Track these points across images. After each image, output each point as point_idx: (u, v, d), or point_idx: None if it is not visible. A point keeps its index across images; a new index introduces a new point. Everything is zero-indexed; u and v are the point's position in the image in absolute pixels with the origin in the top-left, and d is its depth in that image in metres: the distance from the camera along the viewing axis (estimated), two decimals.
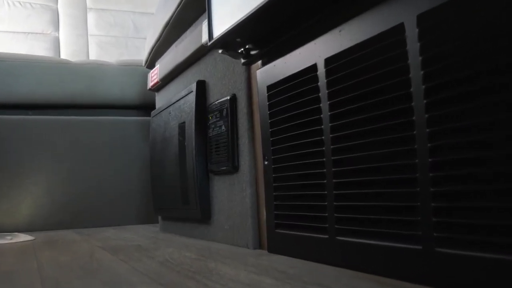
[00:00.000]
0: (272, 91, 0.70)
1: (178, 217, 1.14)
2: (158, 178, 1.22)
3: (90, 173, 1.50)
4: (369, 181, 0.51)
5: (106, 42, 2.18)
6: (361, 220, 0.52)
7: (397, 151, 0.47)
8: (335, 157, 0.56)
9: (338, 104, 0.56)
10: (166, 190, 1.16)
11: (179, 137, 1.06)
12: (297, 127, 0.64)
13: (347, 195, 0.55)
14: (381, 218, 0.49)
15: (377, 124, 0.50)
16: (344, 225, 0.55)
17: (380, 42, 0.49)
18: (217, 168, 0.91)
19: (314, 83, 0.60)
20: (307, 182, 0.62)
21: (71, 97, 1.54)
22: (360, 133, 0.52)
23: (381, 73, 0.49)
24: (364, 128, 0.52)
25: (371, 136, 0.51)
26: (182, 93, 1.06)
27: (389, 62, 0.48)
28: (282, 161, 0.69)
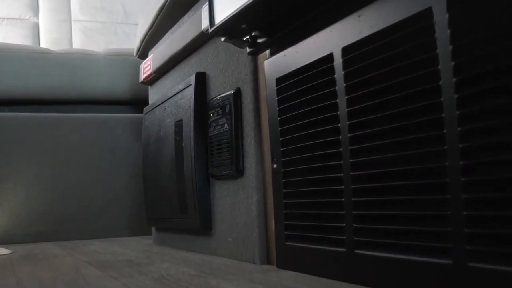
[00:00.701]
0: (282, 84, 0.71)
1: (175, 228, 1.15)
2: (151, 183, 1.23)
3: (74, 178, 1.52)
4: (392, 187, 0.52)
5: (92, 28, 2.20)
6: (383, 231, 0.53)
7: (424, 152, 0.48)
8: (353, 159, 0.57)
9: (357, 99, 0.56)
10: (161, 197, 1.17)
11: (175, 136, 1.07)
12: (310, 125, 0.65)
13: (368, 202, 0.55)
14: (406, 229, 0.50)
15: (402, 122, 0.50)
16: (364, 237, 0.56)
17: (405, 29, 0.50)
18: (219, 172, 0.91)
19: (330, 75, 0.60)
20: (321, 188, 0.63)
21: (52, 92, 1.56)
22: (382, 132, 0.53)
23: (405, 64, 0.50)
24: (386, 126, 0.52)
25: (395, 136, 0.51)
26: (179, 86, 1.07)
27: (415, 52, 0.48)
28: (293, 164, 0.69)
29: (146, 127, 1.27)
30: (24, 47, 1.60)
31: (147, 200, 1.28)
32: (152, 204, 1.24)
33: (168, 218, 1.13)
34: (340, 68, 0.59)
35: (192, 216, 0.99)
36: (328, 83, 0.61)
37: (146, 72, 1.31)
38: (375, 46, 0.53)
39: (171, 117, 1.10)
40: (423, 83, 0.48)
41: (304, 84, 0.66)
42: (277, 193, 0.73)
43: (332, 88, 0.60)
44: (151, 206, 1.25)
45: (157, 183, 1.18)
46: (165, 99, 1.15)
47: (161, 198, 1.16)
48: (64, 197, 1.50)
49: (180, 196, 1.05)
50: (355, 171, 0.57)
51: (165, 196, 1.14)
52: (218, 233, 0.93)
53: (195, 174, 0.97)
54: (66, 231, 1.49)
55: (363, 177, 0.56)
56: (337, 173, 0.60)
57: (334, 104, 0.60)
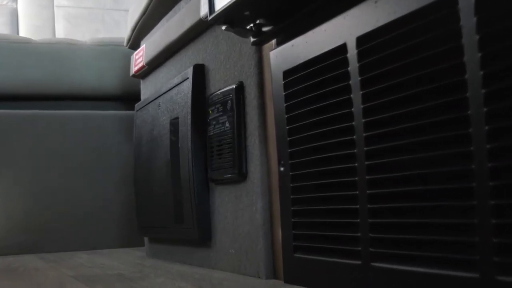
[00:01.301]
0: (290, 78, 0.72)
1: (170, 239, 1.16)
2: (144, 189, 1.24)
3: (57, 182, 1.53)
4: (413, 192, 0.52)
5: (77, 15, 2.21)
6: (403, 242, 0.53)
7: (448, 154, 0.48)
8: (369, 161, 0.57)
9: (373, 94, 0.57)
10: (155, 205, 1.17)
11: (171, 136, 1.07)
12: (321, 123, 0.66)
13: (386, 210, 0.56)
14: (428, 239, 0.50)
15: (423, 120, 0.51)
16: (381, 248, 0.56)
17: (426, 17, 0.50)
18: (220, 176, 0.92)
19: (344, 68, 0.61)
20: (334, 194, 0.63)
21: (32, 86, 1.57)
22: (402, 131, 0.53)
23: (427, 56, 0.50)
24: (406, 125, 0.52)
25: (415, 136, 0.52)
26: (174, 80, 1.08)
27: (438, 42, 0.49)
28: (302, 167, 0.70)
29: (137, 126, 1.28)
30: (1, 36, 1.61)
31: (139, 208, 1.28)
32: (144, 212, 1.25)
33: (162, 227, 1.14)
34: (354, 60, 0.59)
35: (190, 225, 1.00)
36: (341, 76, 0.61)
37: (138, 64, 1.32)
38: (393, 35, 0.54)
39: (165, 114, 1.11)
40: (447, 76, 0.48)
41: (315, 78, 0.66)
42: (284, 199, 0.73)
43: (345, 82, 0.61)
44: (144, 214, 1.26)
45: (150, 188, 1.19)
46: (159, 95, 1.15)
47: (155, 205, 1.17)
48: (46, 204, 1.51)
49: (176, 203, 1.06)
50: (371, 175, 0.57)
51: (159, 203, 1.14)
52: (219, 244, 0.94)
53: (192, 178, 0.97)
54: (49, 242, 1.50)
55: (380, 181, 0.56)
56: (351, 176, 0.60)
57: (348, 100, 0.60)
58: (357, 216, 0.59)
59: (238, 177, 0.86)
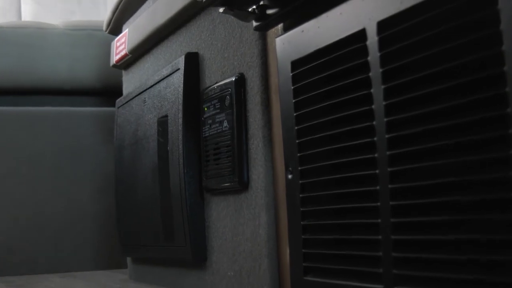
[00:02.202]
0: (299, 69, 0.72)
1: (158, 259, 1.16)
2: (126, 200, 1.24)
3: (24, 192, 1.53)
4: (445, 204, 0.52)
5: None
6: (433, 262, 0.53)
7: (487, 159, 0.48)
8: (393, 168, 0.58)
9: (398, 89, 0.57)
10: (139, 219, 1.17)
11: (158, 138, 1.07)
12: (336, 123, 0.66)
13: (412, 225, 0.56)
14: (463, 259, 0.50)
15: (457, 119, 0.51)
16: (407, 269, 0.56)
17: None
18: (217, 185, 0.92)
19: (362, 57, 0.61)
20: (351, 206, 0.64)
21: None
22: (431, 132, 0.53)
23: (460, 44, 0.50)
24: (436, 125, 0.53)
25: (448, 137, 0.52)
26: (163, 71, 1.09)
27: (473, 28, 0.49)
28: (314, 174, 0.70)
29: (119, 126, 1.28)
30: None
31: (121, 222, 1.29)
32: (127, 228, 1.25)
33: (148, 246, 1.14)
34: (375, 48, 0.59)
35: (181, 243, 1.00)
36: (359, 68, 0.62)
37: (119, 53, 1.32)
38: (421, 19, 0.54)
39: (152, 112, 1.11)
40: (484, 68, 0.48)
41: (328, 69, 0.67)
42: (292, 212, 0.74)
43: (365, 74, 0.61)
44: (126, 230, 1.26)
45: (134, 199, 1.19)
46: (145, 89, 1.16)
47: (140, 219, 1.17)
48: (10, 218, 1.51)
49: (164, 217, 1.06)
50: (395, 183, 0.57)
51: (144, 216, 1.15)
52: (215, 266, 0.94)
53: (184, 187, 0.97)
54: (15, 264, 1.50)
55: (406, 191, 0.56)
56: (371, 185, 0.60)
57: (368, 96, 0.60)
58: (378, 232, 0.59)
59: (238, 186, 0.86)
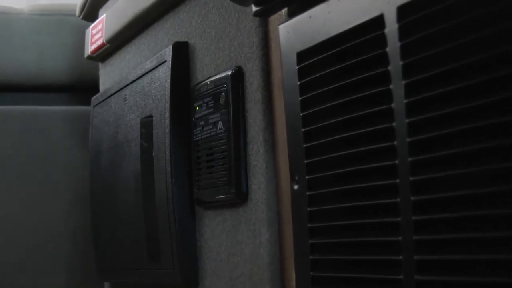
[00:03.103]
0: (306, 62, 0.72)
1: (141, 285, 1.16)
2: (104, 215, 1.24)
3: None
4: (477, 218, 0.52)
5: None
6: (461, 286, 0.54)
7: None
8: (415, 177, 0.58)
9: (421, 84, 0.57)
10: (119, 237, 1.17)
11: (142, 141, 1.08)
12: (349, 125, 0.66)
13: (438, 244, 0.56)
14: (499, 282, 0.51)
15: (491, 119, 0.51)
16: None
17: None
18: (210, 197, 0.92)
19: (380, 48, 0.62)
20: (367, 221, 0.64)
21: None
22: (460, 135, 0.53)
23: (497, 32, 0.50)
24: (467, 126, 0.53)
25: (480, 141, 0.52)
26: (147, 64, 1.09)
27: (506, 14, 0.49)
28: (323, 184, 0.70)
29: (95, 127, 1.28)
30: None
31: (98, 241, 1.29)
32: (105, 248, 1.25)
33: (130, 269, 1.14)
34: (395, 37, 0.60)
35: (168, 265, 1.00)
36: (376, 60, 0.62)
37: (95, 42, 1.32)
38: (445, 5, 0.54)
39: (135, 111, 1.11)
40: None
41: (340, 62, 0.67)
42: (299, 229, 0.74)
43: (383, 68, 0.61)
44: (104, 251, 1.26)
45: (113, 214, 1.19)
46: (126, 84, 1.16)
47: (120, 238, 1.17)
48: None
49: (149, 235, 1.06)
50: (418, 195, 0.57)
51: (125, 234, 1.15)
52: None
53: (172, 200, 0.97)
54: None
55: (431, 204, 0.56)
56: (390, 197, 0.60)
57: (386, 93, 0.61)
58: (398, 252, 0.60)
59: (235, 198, 0.87)
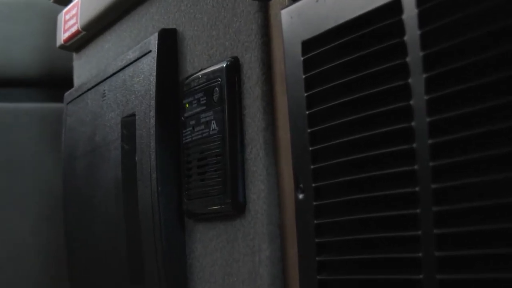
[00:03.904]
0: (313, 52, 0.72)
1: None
2: (79, 230, 1.24)
3: None
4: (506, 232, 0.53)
5: None
6: None
7: None
8: (438, 184, 0.58)
9: (444, 78, 0.57)
10: (97, 255, 1.17)
11: (123, 144, 1.08)
12: (362, 125, 0.66)
13: (463, 260, 0.56)
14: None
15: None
16: None
17: None
18: (202, 208, 0.92)
19: (397, 37, 0.62)
20: (383, 235, 0.64)
21: None
22: (489, 136, 0.54)
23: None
24: (497, 127, 0.53)
25: None
26: (128, 55, 1.09)
27: None
28: (332, 192, 0.70)
29: (69, 128, 1.28)
30: None
31: (72, 260, 1.29)
32: (79, 267, 1.25)
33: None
34: (414, 24, 0.60)
35: (154, 286, 1.00)
36: (393, 50, 0.62)
37: (69, 29, 1.32)
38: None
39: (115, 109, 1.11)
40: None
41: (351, 53, 0.67)
42: (304, 245, 0.74)
43: (400, 59, 0.61)
44: (79, 271, 1.26)
45: (89, 228, 1.19)
46: (104, 78, 1.15)
47: (97, 256, 1.17)
48: None
49: (131, 252, 1.06)
50: (441, 205, 0.57)
51: (104, 252, 1.15)
52: None
53: (158, 211, 0.97)
54: None
55: (455, 215, 0.57)
56: (409, 208, 0.60)
57: (404, 88, 0.61)
58: (419, 271, 0.60)
59: (231, 209, 0.87)
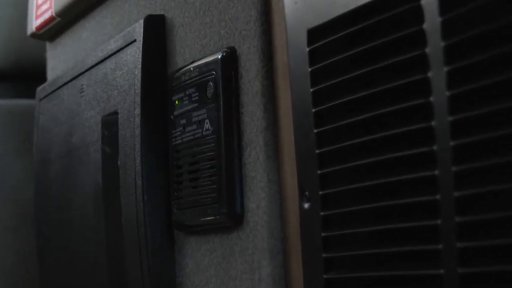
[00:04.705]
0: (320, 42, 0.73)
1: None
2: (53, 244, 1.24)
3: None
4: None
5: None
6: None
7: None
8: (461, 191, 0.58)
9: (468, 71, 0.58)
10: (74, 273, 1.17)
11: (104, 147, 1.08)
12: (375, 125, 0.67)
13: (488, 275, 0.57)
14: None
15: None
16: None
17: None
18: (194, 219, 0.93)
19: (415, 25, 0.62)
20: (399, 250, 0.65)
21: None
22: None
23: None
24: None
25: None
26: (110, 45, 1.09)
27: None
28: (342, 201, 0.71)
29: (42, 128, 1.28)
30: None
31: (45, 278, 1.29)
32: (56, 285, 1.25)
33: None
34: (434, 10, 0.60)
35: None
36: (410, 40, 0.62)
37: (42, 15, 1.32)
38: None
39: (94, 107, 1.11)
40: None
41: (363, 43, 0.67)
42: (310, 260, 0.74)
43: (419, 50, 0.62)
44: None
45: (65, 243, 1.19)
46: (82, 71, 1.15)
47: (74, 273, 1.17)
48: None
49: (113, 271, 1.06)
50: (465, 215, 0.58)
51: (81, 269, 1.15)
52: None
53: (144, 223, 0.97)
54: None
55: (481, 226, 0.57)
56: (429, 219, 0.61)
57: (423, 83, 0.61)
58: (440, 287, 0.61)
59: (227, 220, 0.87)
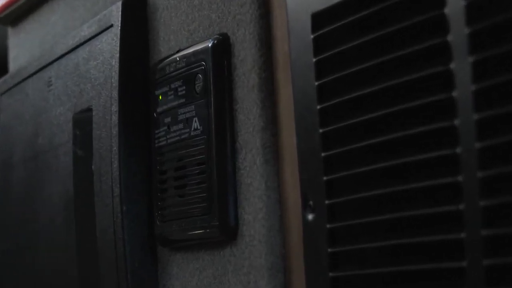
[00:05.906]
0: (326, 28, 0.74)
1: None
2: (15, 262, 1.26)
3: None
4: None
5: None
6: None
7: None
8: (488, 200, 0.58)
9: (495, 62, 0.59)
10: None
11: (76, 149, 1.09)
12: (389, 124, 0.69)
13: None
14: None
15: None
16: None
17: None
18: (181, 233, 0.94)
19: (435, 8, 0.62)
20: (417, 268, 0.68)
21: None
22: None
23: None
24: None
25: None
26: (83, 30, 1.10)
27: None
28: (351, 212, 0.72)
29: (3, 126, 1.26)
30: None
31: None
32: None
33: None
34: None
35: None
36: (430, 26, 0.63)
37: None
38: None
39: (64, 102, 1.11)
40: None
41: (376, 29, 0.68)
42: (315, 279, 0.75)
43: (440, 38, 0.62)
44: None
45: (29, 261, 1.21)
46: (50, 61, 1.16)
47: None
48: None
49: None
50: (492, 228, 0.60)
51: None
52: None
53: (122, 238, 0.97)
54: None
55: (509, 246, 0.58)
56: (452, 232, 0.61)
57: (445, 75, 0.62)
58: None
59: (218, 234, 0.88)
